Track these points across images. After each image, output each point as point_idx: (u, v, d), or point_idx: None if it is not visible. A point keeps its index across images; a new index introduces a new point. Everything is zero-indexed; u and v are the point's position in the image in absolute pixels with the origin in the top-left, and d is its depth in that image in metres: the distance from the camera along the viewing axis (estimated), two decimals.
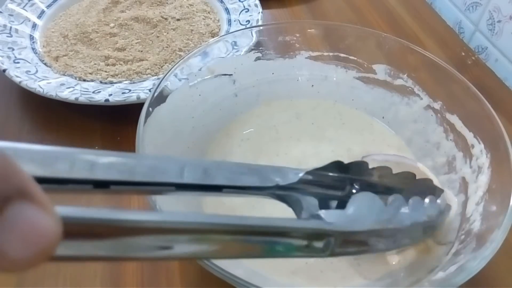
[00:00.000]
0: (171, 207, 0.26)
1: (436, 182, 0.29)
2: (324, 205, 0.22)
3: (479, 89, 0.32)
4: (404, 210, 0.23)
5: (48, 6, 0.50)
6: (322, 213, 0.20)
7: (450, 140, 0.33)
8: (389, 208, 0.22)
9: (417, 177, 0.27)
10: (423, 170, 0.31)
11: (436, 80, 0.35)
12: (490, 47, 0.50)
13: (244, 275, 0.22)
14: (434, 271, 0.26)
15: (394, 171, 0.26)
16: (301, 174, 0.21)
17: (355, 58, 0.38)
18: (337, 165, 0.23)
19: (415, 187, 0.26)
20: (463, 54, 0.50)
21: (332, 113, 0.39)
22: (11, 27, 0.46)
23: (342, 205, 0.22)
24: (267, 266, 0.29)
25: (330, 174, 0.23)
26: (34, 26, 0.47)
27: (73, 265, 0.31)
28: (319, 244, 0.19)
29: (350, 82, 0.39)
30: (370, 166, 0.25)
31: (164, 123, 0.32)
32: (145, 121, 0.29)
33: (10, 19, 0.46)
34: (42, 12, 0.49)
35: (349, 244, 0.20)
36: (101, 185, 0.17)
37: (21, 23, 0.47)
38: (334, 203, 0.24)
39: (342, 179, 0.23)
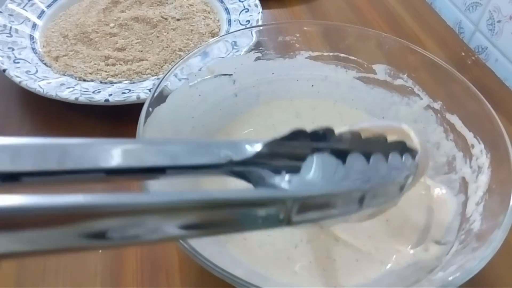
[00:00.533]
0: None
1: (416, 143, 0.26)
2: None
3: (479, 89, 0.32)
4: (365, 169, 0.21)
5: (48, 6, 0.50)
6: (276, 180, 0.18)
7: (450, 140, 0.33)
8: (349, 169, 0.20)
9: (388, 140, 0.25)
10: (408, 131, 0.29)
11: (436, 80, 0.35)
12: (490, 47, 0.50)
13: (244, 275, 0.22)
14: (434, 271, 0.26)
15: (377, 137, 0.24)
16: (258, 147, 0.19)
17: (355, 58, 0.38)
18: (300, 134, 0.20)
19: (386, 149, 0.23)
20: (463, 54, 0.50)
21: (332, 113, 0.39)
22: (11, 27, 0.46)
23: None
24: (268, 266, 0.29)
25: (292, 143, 0.20)
26: (34, 26, 0.47)
27: (73, 265, 0.31)
28: (275, 214, 0.16)
29: (350, 82, 0.39)
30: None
31: (164, 123, 0.32)
32: (145, 121, 0.29)
33: (10, 19, 0.46)
34: (42, 12, 0.49)
35: (308, 210, 0.18)
36: (13, 178, 0.14)
37: (21, 23, 0.47)
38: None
39: (305, 147, 0.21)
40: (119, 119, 0.40)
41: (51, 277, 0.30)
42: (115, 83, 0.42)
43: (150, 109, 0.30)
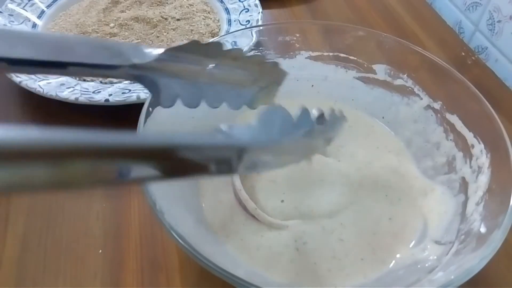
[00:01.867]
0: (168, 201, 0.26)
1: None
2: (182, 89, 0.21)
3: (479, 89, 0.32)
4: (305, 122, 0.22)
5: (48, 6, 0.50)
6: (225, 127, 0.18)
7: (450, 140, 0.33)
8: (291, 122, 0.21)
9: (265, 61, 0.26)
10: None
11: (436, 80, 0.35)
12: (490, 47, 0.50)
13: (244, 275, 0.22)
14: (434, 271, 0.26)
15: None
16: (159, 52, 0.20)
17: (355, 58, 0.38)
18: (195, 45, 0.21)
19: (265, 68, 0.26)
20: (463, 54, 0.50)
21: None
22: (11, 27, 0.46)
23: (199, 88, 0.21)
24: (269, 267, 0.29)
25: (188, 54, 0.21)
26: (34, 26, 0.47)
27: (73, 265, 0.31)
28: (227, 162, 0.17)
29: (350, 82, 0.39)
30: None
31: (164, 123, 0.32)
32: (145, 121, 0.29)
33: (10, 19, 0.46)
34: (42, 12, 0.49)
35: (250, 160, 0.18)
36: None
37: (21, 23, 0.47)
38: (192, 87, 0.22)
39: (198, 59, 0.22)
40: (119, 119, 0.40)
41: (51, 277, 0.30)
42: (115, 83, 0.42)
43: (150, 109, 0.30)
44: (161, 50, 0.20)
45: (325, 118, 0.23)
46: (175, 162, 0.16)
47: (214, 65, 0.22)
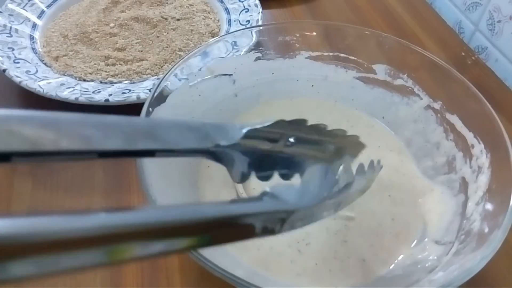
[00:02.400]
0: (168, 201, 0.26)
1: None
2: (257, 163, 0.21)
3: (479, 89, 0.32)
4: (346, 178, 0.23)
5: (48, 6, 0.50)
6: (271, 189, 0.18)
7: (450, 140, 0.33)
8: (333, 179, 0.22)
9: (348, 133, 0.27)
10: None
11: (436, 80, 0.35)
12: (490, 47, 0.50)
13: (245, 275, 0.22)
14: (434, 271, 0.26)
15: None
16: (244, 131, 0.20)
17: (355, 58, 0.38)
18: (280, 123, 0.22)
19: (345, 142, 0.26)
20: (463, 54, 0.50)
21: (334, 112, 0.39)
22: (11, 27, 0.46)
23: (274, 162, 0.21)
24: (270, 268, 0.29)
25: (270, 130, 0.21)
26: (34, 26, 0.47)
27: None
28: (273, 225, 0.17)
29: (350, 82, 0.39)
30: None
31: None
32: None
33: (10, 19, 0.46)
34: (42, 12, 0.49)
35: (298, 219, 0.19)
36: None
37: (21, 23, 0.47)
38: (268, 160, 0.22)
39: (280, 135, 0.22)
40: None
41: (51, 277, 0.30)
42: (115, 83, 0.42)
43: (150, 109, 0.30)
44: (246, 129, 0.20)
45: (364, 170, 0.24)
46: (226, 230, 0.16)
47: (294, 138, 0.22)
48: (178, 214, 0.14)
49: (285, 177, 0.24)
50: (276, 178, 0.23)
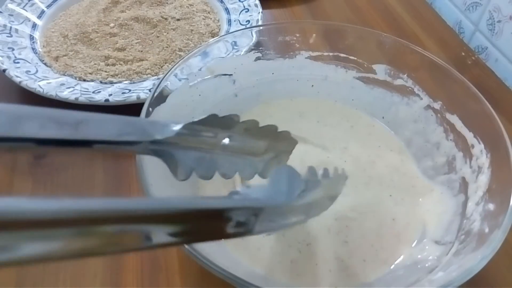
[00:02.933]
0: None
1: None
2: (198, 161, 0.22)
3: (479, 89, 0.32)
4: (314, 181, 0.23)
5: (48, 6, 0.50)
6: (241, 189, 0.19)
7: (450, 140, 0.33)
8: (299, 181, 0.22)
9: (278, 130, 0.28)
10: None
11: (436, 80, 0.35)
12: (490, 47, 0.50)
13: (244, 275, 0.22)
14: (434, 271, 0.26)
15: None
16: (178, 127, 0.21)
17: (355, 58, 0.38)
18: (212, 118, 0.23)
19: (277, 138, 0.27)
20: (463, 54, 0.50)
21: (335, 112, 0.39)
22: (11, 27, 0.46)
23: (213, 160, 0.22)
24: (270, 268, 0.29)
25: (205, 127, 0.22)
26: (34, 26, 0.47)
27: (73, 265, 0.31)
28: (243, 223, 0.18)
29: (350, 82, 0.39)
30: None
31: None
32: None
33: (10, 19, 0.46)
34: (42, 12, 0.49)
35: (267, 220, 0.19)
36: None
37: (21, 23, 0.47)
38: (207, 159, 0.23)
39: (214, 131, 0.23)
40: None
41: (51, 277, 0.30)
42: (115, 83, 0.42)
43: (150, 109, 0.30)
44: (180, 125, 0.21)
45: (328, 175, 0.25)
46: (194, 226, 0.16)
47: (228, 136, 0.24)
48: (143, 204, 0.14)
49: (225, 176, 0.25)
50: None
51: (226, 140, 0.23)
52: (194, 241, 0.18)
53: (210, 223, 0.17)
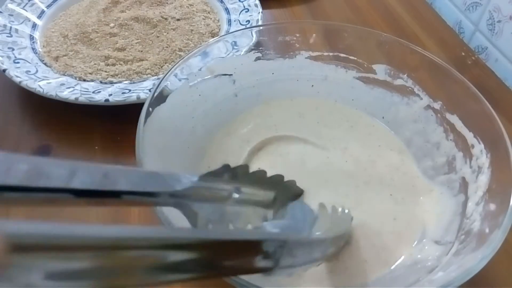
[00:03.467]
0: (174, 212, 0.26)
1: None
2: (214, 216, 0.23)
3: (479, 89, 0.32)
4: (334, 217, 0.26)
5: (48, 6, 0.50)
6: (264, 223, 0.21)
7: (450, 140, 0.33)
8: (312, 216, 0.24)
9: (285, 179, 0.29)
10: None
11: (436, 80, 0.35)
12: (490, 47, 0.50)
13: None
14: (434, 271, 0.26)
15: None
16: (194, 178, 0.22)
17: (355, 58, 0.38)
18: (225, 168, 0.24)
19: (284, 188, 0.29)
20: (463, 54, 0.50)
21: (334, 113, 0.39)
22: (11, 27, 0.46)
23: (226, 213, 0.23)
24: None
25: (218, 178, 0.23)
26: (34, 26, 0.47)
27: None
28: (271, 255, 0.18)
29: (350, 82, 0.39)
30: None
31: (164, 123, 0.32)
32: (145, 121, 0.29)
33: (10, 19, 0.46)
34: (42, 12, 0.49)
35: (290, 255, 0.20)
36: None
37: (21, 23, 0.47)
38: (221, 212, 0.24)
39: (226, 182, 0.24)
40: (119, 119, 0.40)
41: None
42: (115, 83, 0.42)
43: (150, 109, 0.30)
44: (196, 177, 0.22)
45: (337, 212, 0.27)
46: (226, 256, 0.17)
47: (239, 188, 0.25)
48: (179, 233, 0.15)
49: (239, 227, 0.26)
50: None
51: (236, 195, 0.25)
52: (225, 274, 0.19)
53: (242, 253, 0.17)
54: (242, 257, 0.17)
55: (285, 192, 0.29)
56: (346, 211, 0.29)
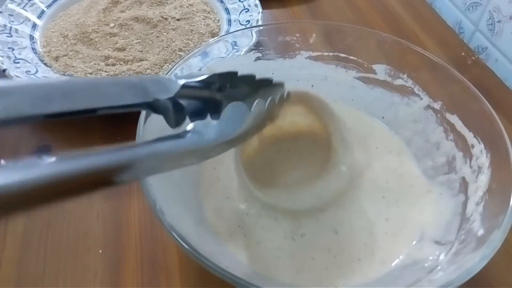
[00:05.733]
0: (168, 201, 0.26)
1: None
2: (191, 108, 0.23)
3: (479, 89, 0.32)
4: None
5: (48, 6, 0.50)
6: (198, 126, 0.21)
7: (450, 140, 0.33)
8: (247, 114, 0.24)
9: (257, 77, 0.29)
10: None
11: (436, 80, 0.35)
12: (490, 47, 0.50)
13: (244, 275, 0.22)
14: (434, 271, 0.26)
15: None
16: (180, 84, 0.21)
17: (355, 58, 0.38)
18: (213, 77, 0.24)
19: (271, 86, 0.29)
20: (463, 54, 0.50)
21: None
22: (11, 27, 0.46)
23: (212, 111, 0.23)
24: (270, 267, 0.29)
25: (203, 84, 0.23)
26: (34, 26, 0.47)
27: (73, 265, 0.31)
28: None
29: (350, 82, 0.39)
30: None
31: (164, 123, 0.32)
32: (145, 121, 0.29)
33: (10, 19, 0.46)
34: (42, 12, 0.49)
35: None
36: None
37: (21, 23, 0.47)
38: (201, 107, 0.24)
39: (213, 85, 0.24)
40: (119, 119, 0.40)
41: (51, 277, 0.30)
42: None
43: None
44: (181, 83, 0.21)
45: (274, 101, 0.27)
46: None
47: (227, 89, 0.25)
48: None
49: (215, 117, 0.25)
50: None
51: (224, 91, 0.25)
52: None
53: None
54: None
55: (272, 89, 0.29)
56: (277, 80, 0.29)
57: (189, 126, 0.21)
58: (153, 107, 0.21)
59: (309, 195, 0.31)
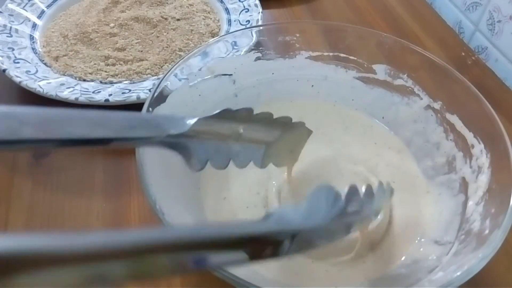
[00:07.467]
0: (168, 201, 0.26)
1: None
2: (213, 152, 0.22)
3: (479, 89, 0.32)
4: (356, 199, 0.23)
5: (48, 6, 0.50)
6: (276, 211, 0.18)
7: (450, 140, 0.33)
8: (340, 201, 0.21)
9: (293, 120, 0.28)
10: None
11: (436, 80, 0.35)
12: (490, 47, 0.50)
13: (244, 275, 0.22)
14: (434, 271, 0.26)
15: None
16: (192, 122, 0.21)
17: (355, 58, 0.38)
18: (226, 112, 0.23)
19: (291, 127, 0.27)
20: (463, 54, 0.50)
21: (333, 114, 0.39)
22: (11, 27, 0.46)
23: (227, 150, 0.22)
24: (271, 267, 0.29)
25: (219, 121, 0.23)
26: (34, 26, 0.47)
27: None
28: (278, 246, 0.18)
29: (350, 82, 0.39)
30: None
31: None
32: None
33: (10, 19, 0.46)
34: (42, 12, 0.49)
35: (303, 241, 0.19)
36: None
37: (21, 23, 0.47)
38: (222, 149, 0.24)
39: (229, 124, 0.23)
40: None
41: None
42: (115, 83, 0.42)
43: (150, 109, 0.30)
44: (194, 120, 0.21)
45: (372, 193, 0.24)
46: (232, 251, 0.16)
47: (242, 128, 0.24)
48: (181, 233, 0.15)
49: (240, 165, 0.25)
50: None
51: (240, 130, 0.24)
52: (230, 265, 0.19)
53: (246, 249, 0.17)
54: (250, 249, 0.17)
55: (293, 132, 0.27)
56: (385, 186, 0.26)
57: (271, 209, 0.20)
58: (170, 144, 0.20)
59: None
